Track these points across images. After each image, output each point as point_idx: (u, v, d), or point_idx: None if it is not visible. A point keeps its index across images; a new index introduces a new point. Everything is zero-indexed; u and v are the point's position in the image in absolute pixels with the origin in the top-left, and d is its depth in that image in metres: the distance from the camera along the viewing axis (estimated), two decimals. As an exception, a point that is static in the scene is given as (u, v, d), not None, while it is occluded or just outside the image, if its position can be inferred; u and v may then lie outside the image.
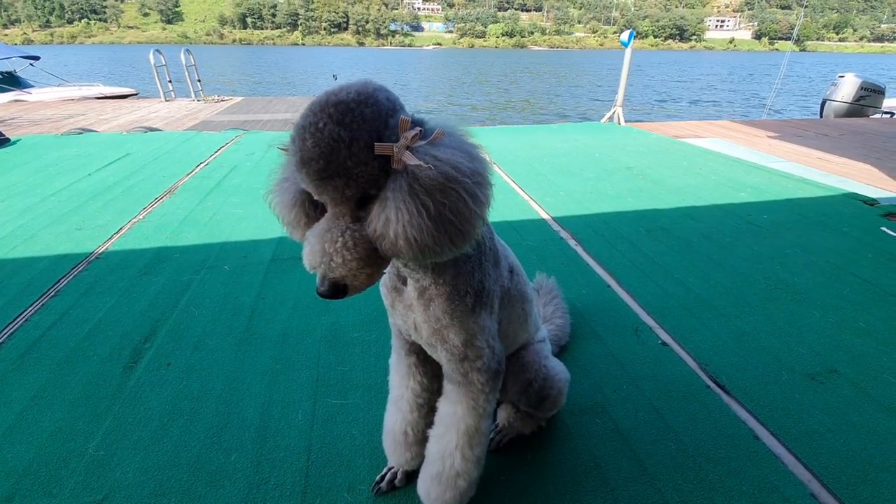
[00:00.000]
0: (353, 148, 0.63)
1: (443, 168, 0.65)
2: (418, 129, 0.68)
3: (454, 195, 0.66)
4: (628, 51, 6.07)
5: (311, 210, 0.77)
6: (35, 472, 1.19)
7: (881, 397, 1.44)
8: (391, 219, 0.65)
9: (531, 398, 1.15)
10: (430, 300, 0.84)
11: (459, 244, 0.69)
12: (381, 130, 0.65)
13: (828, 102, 8.20)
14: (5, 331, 1.73)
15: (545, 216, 2.88)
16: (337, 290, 0.69)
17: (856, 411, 1.39)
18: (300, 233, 0.79)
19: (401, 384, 1.06)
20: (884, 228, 2.68)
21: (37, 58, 12.19)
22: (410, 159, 0.65)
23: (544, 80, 27.37)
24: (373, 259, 0.70)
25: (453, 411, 0.92)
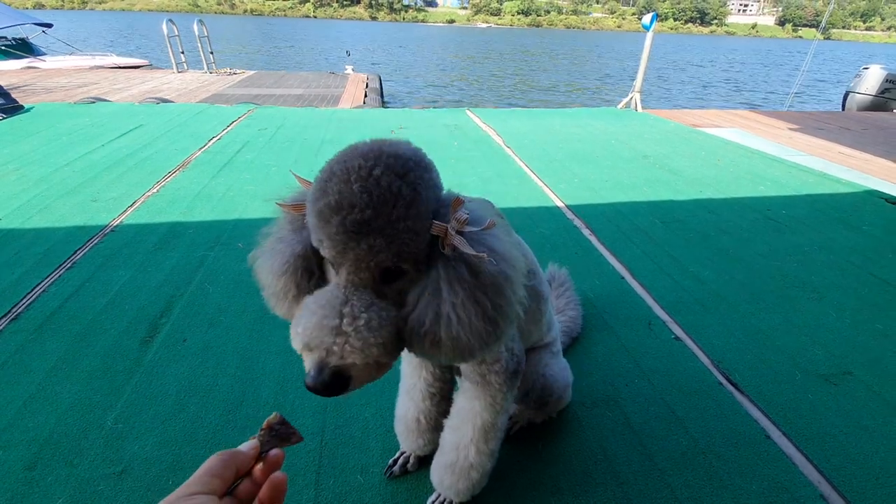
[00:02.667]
0: (411, 209, 0.53)
1: (503, 265, 0.58)
2: (468, 211, 0.60)
3: (508, 296, 0.58)
4: (649, 35, 5.91)
5: (304, 281, 0.66)
6: (56, 442, 1.21)
7: (895, 401, 1.43)
8: (445, 315, 0.55)
9: (530, 404, 1.16)
10: None
11: (492, 347, 0.60)
12: (437, 205, 0.57)
13: (851, 94, 7.99)
14: (23, 300, 1.75)
15: (559, 203, 2.85)
16: (340, 382, 0.55)
17: (869, 414, 1.38)
18: (284, 306, 0.68)
19: (413, 374, 1.06)
20: (905, 228, 2.63)
21: (49, 25, 12.09)
22: (466, 247, 0.55)
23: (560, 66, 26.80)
24: (392, 348, 0.58)
25: (470, 406, 0.92)
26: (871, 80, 7.68)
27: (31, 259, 2.02)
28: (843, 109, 8.07)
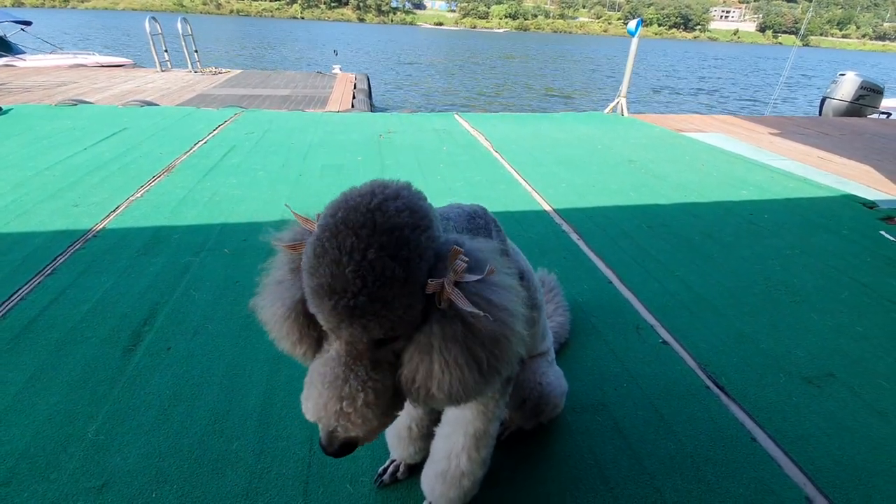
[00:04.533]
0: (406, 287, 0.52)
1: (501, 317, 0.57)
2: (466, 260, 0.58)
3: (506, 346, 0.58)
4: (635, 40, 5.99)
5: (306, 327, 0.65)
6: (32, 455, 1.18)
7: (875, 402, 1.46)
8: (436, 373, 0.56)
9: (526, 414, 1.16)
10: None
11: (492, 386, 0.61)
12: (433, 260, 0.56)
13: (828, 100, 8.19)
14: None
15: (547, 208, 2.86)
16: (348, 449, 0.61)
17: (851, 416, 1.41)
18: (289, 348, 0.69)
19: None
20: (882, 233, 2.70)
21: (29, 23, 11.82)
22: (462, 302, 0.55)
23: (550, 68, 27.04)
24: (392, 406, 0.62)
25: (462, 414, 0.91)
26: (846, 87, 7.88)
27: (7, 266, 1.96)
28: (821, 115, 8.26)
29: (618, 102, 6.23)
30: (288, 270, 0.66)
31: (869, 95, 7.82)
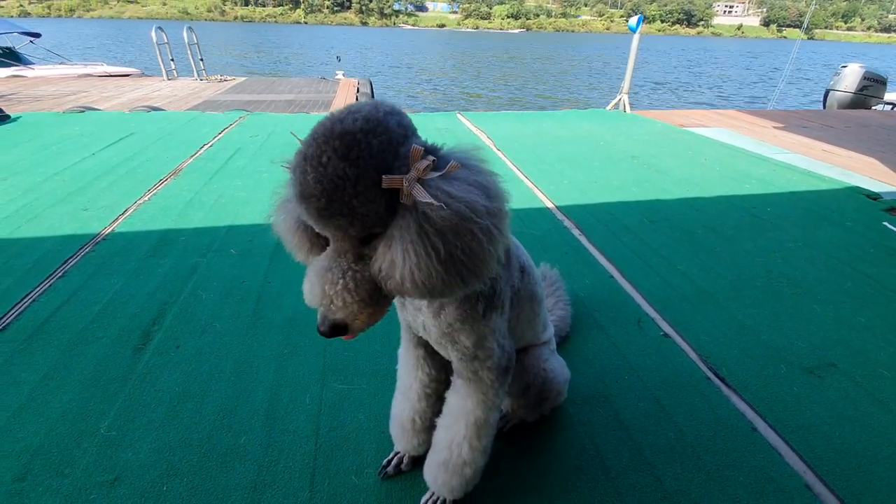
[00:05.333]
0: (358, 186, 0.58)
1: (456, 207, 0.61)
2: (431, 158, 0.63)
3: (468, 236, 0.62)
4: (636, 36, 5.99)
5: (314, 237, 0.73)
6: (47, 452, 1.21)
7: (877, 392, 1.47)
8: (397, 261, 0.62)
9: (530, 400, 1.17)
10: (440, 307, 0.83)
11: (471, 283, 0.66)
12: (391, 161, 0.61)
13: (831, 92, 8.12)
14: (12, 311, 1.75)
15: (549, 205, 2.88)
16: (337, 330, 0.67)
17: (852, 405, 1.42)
18: (303, 257, 0.77)
19: (409, 374, 1.08)
20: (886, 224, 2.69)
21: (38, 35, 11.97)
22: (422, 195, 0.60)
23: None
24: (375, 298, 0.67)
25: (462, 404, 0.93)
26: (850, 79, 7.81)
27: (20, 269, 2.01)
28: (825, 108, 8.20)
29: (620, 99, 6.23)
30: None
31: (873, 86, 7.74)
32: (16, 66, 10.31)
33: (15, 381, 1.43)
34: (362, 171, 0.59)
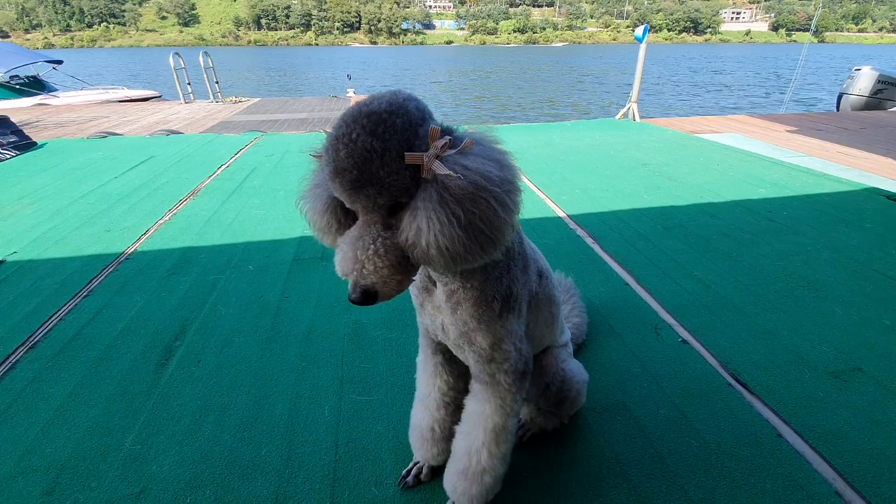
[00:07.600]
0: (384, 158, 0.65)
1: (472, 177, 0.67)
2: (448, 138, 0.70)
3: (484, 204, 0.67)
4: (643, 46, 6.01)
5: (343, 217, 0.79)
6: (74, 466, 1.24)
7: (907, 396, 1.43)
8: (422, 228, 0.67)
9: (550, 400, 1.17)
10: (458, 304, 0.85)
11: (490, 251, 0.70)
12: (412, 140, 0.67)
13: (845, 96, 8.02)
14: (40, 329, 1.80)
15: (562, 214, 2.88)
16: (368, 296, 0.70)
17: (880, 409, 1.38)
18: (331, 239, 0.81)
19: (428, 382, 1.09)
20: (909, 224, 2.63)
21: (60, 62, 12.49)
22: (440, 168, 0.66)
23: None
24: (403, 266, 0.72)
25: (481, 410, 0.94)
26: (863, 82, 7.71)
27: (47, 289, 2.08)
28: (838, 111, 8.09)
29: (629, 108, 6.24)
30: (323, 178, 0.77)
31: (887, 89, 7.63)
32: (41, 94, 10.73)
33: (44, 397, 1.47)
34: (388, 145, 0.65)
